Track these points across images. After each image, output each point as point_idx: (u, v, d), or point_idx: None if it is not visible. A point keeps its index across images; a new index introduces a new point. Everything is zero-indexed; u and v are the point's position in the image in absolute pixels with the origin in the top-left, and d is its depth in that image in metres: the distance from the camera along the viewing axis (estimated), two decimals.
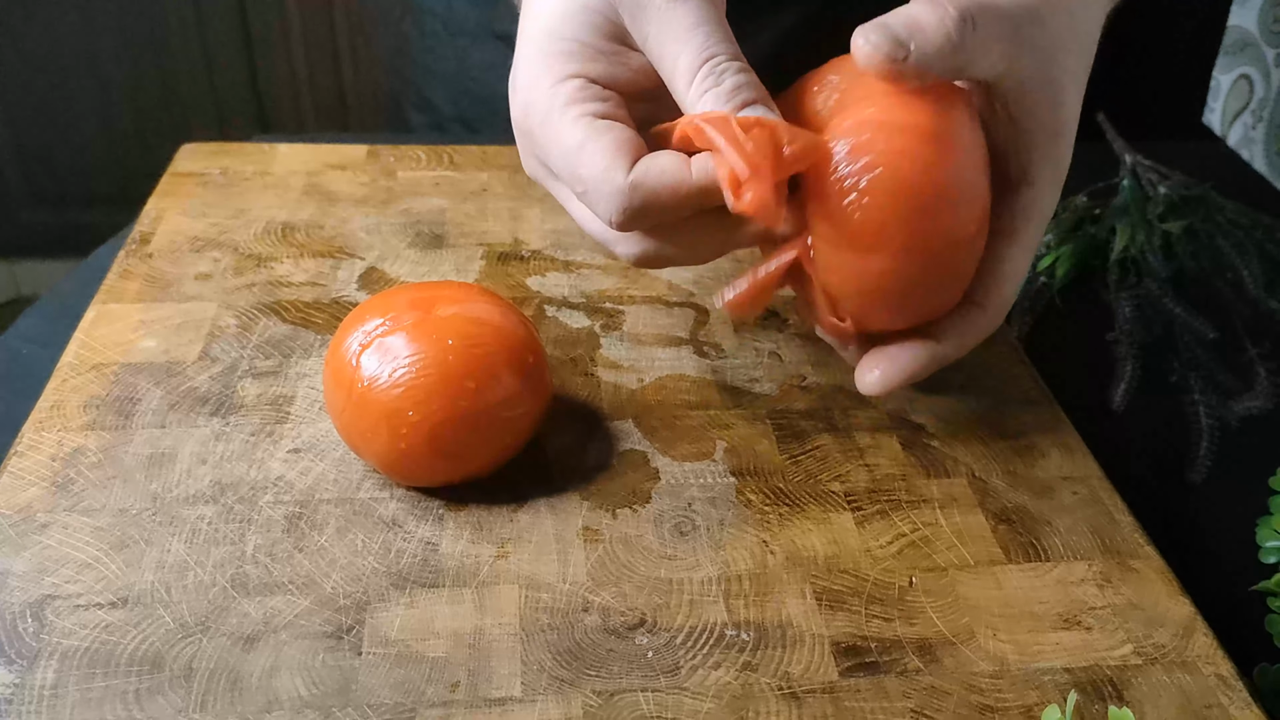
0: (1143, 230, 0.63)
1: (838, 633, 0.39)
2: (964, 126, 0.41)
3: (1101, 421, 0.54)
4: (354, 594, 0.40)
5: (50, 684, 0.36)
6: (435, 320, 0.42)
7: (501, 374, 0.42)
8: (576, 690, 0.37)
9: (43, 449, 0.45)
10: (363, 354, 0.42)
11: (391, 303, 0.43)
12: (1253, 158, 0.81)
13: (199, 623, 0.38)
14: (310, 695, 0.36)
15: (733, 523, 0.44)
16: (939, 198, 0.40)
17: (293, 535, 0.42)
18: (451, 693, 0.36)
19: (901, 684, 0.38)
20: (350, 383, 0.41)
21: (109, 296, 0.53)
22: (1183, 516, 0.50)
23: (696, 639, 0.39)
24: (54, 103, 1.73)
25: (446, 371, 0.41)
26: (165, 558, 0.40)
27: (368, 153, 0.67)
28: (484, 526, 0.43)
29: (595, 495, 0.44)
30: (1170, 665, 0.39)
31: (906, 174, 0.39)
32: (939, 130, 0.39)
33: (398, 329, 0.42)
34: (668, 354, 0.52)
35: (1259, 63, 0.80)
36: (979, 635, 0.40)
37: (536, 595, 0.40)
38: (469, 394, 0.41)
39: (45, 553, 0.40)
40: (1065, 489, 0.46)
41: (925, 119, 0.39)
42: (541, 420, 0.45)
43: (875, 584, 0.41)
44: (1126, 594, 0.42)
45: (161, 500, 0.43)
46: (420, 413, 0.41)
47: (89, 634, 0.37)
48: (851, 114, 0.40)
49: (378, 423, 0.41)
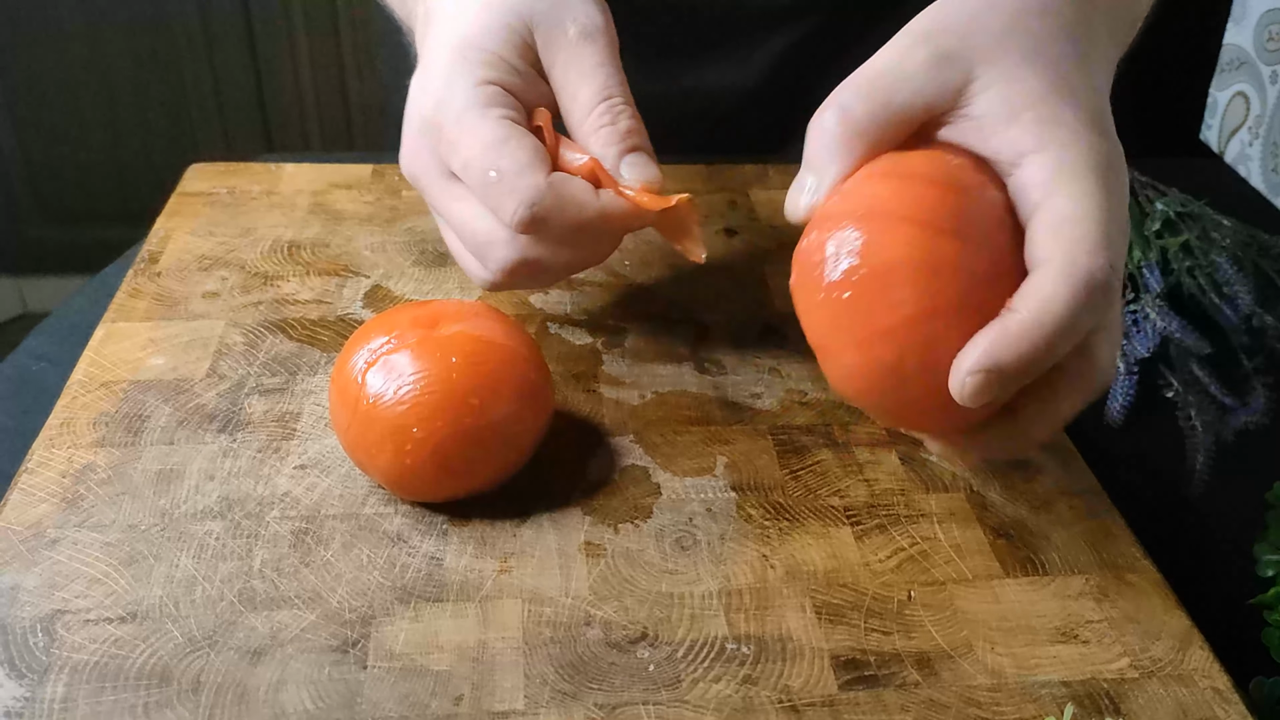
0: (1140, 246, 0.64)
1: (837, 646, 0.40)
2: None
3: (1099, 437, 0.54)
4: (359, 608, 0.40)
5: (60, 698, 0.36)
6: (439, 338, 0.43)
7: (505, 391, 0.43)
8: (579, 703, 0.37)
9: (53, 466, 0.45)
10: (368, 371, 0.42)
11: (396, 321, 0.44)
12: (1249, 174, 0.81)
13: (207, 637, 0.39)
14: (316, 708, 0.36)
15: (733, 537, 0.44)
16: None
17: (299, 550, 0.42)
18: (455, 706, 0.37)
19: (900, 697, 0.38)
20: (355, 400, 0.42)
21: (118, 315, 0.54)
22: (1180, 531, 0.50)
23: (697, 652, 0.39)
24: (62, 121, 1.75)
25: (451, 389, 0.42)
26: (174, 573, 0.41)
27: (373, 172, 0.67)
28: (487, 541, 0.43)
29: (597, 510, 0.45)
30: (1167, 678, 0.39)
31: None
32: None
33: (402, 347, 0.42)
34: (669, 370, 0.53)
35: (1255, 80, 0.81)
36: (977, 649, 0.40)
37: (539, 609, 0.40)
38: (473, 411, 0.42)
39: (55, 568, 0.41)
40: (1063, 503, 0.47)
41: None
42: (544, 436, 0.46)
43: (874, 598, 0.42)
44: (1123, 607, 0.42)
45: (170, 516, 0.43)
46: (425, 429, 0.41)
47: (98, 648, 0.38)
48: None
49: (383, 439, 0.42)
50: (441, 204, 0.47)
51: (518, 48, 0.46)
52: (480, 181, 0.44)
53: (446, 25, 0.47)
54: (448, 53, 0.46)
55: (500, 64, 0.46)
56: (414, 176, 0.48)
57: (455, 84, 0.45)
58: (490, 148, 0.44)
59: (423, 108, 0.46)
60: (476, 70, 0.45)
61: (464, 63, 0.46)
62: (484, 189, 0.44)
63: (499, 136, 0.44)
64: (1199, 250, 0.63)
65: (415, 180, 0.48)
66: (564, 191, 0.44)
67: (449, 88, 0.45)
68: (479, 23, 0.46)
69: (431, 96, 0.46)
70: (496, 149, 0.43)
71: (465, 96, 0.45)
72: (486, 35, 0.46)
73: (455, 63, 0.46)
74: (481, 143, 0.44)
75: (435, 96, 0.45)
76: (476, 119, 0.44)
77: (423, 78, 0.47)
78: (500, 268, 0.46)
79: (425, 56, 0.48)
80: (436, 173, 0.46)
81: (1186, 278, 0.62)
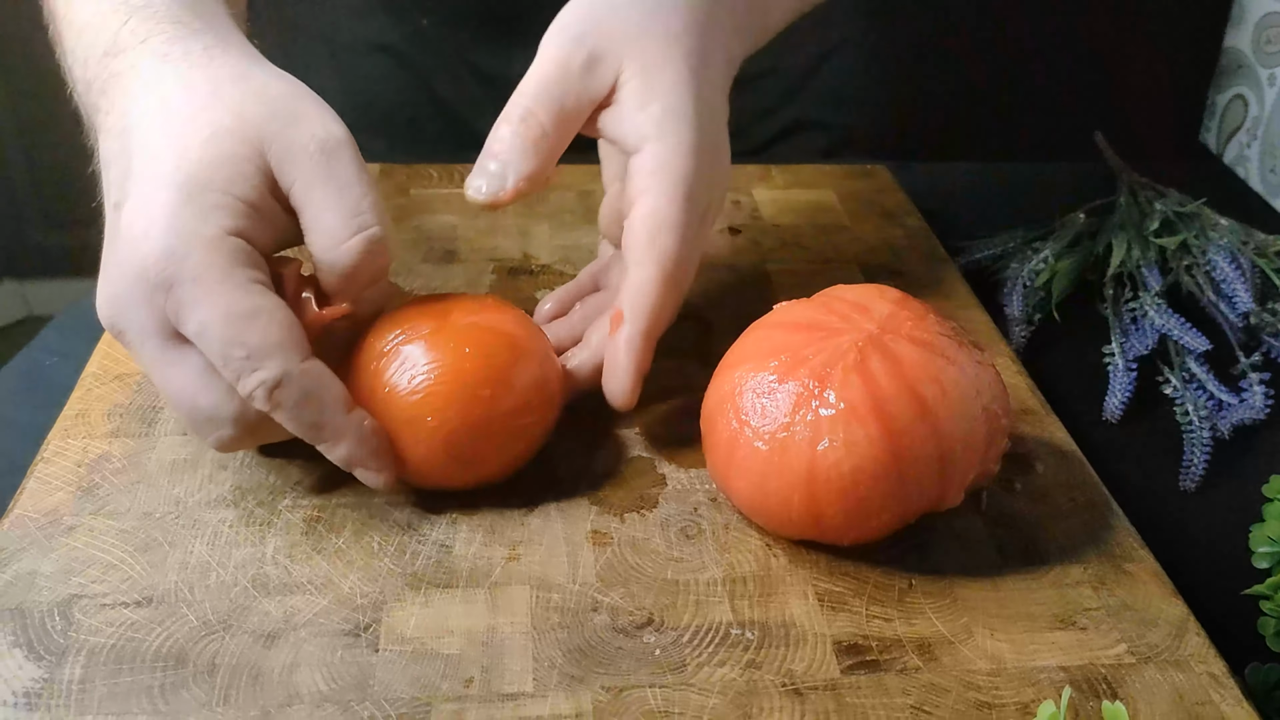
0: (1138, 246, 0.65)
1: (839, 632, 0.41)
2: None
3: (1097, 432, 0.55)
4: (371, 594, 0.41)
5: (78, 679, 0.37)
6: (453, 330, 0.44)
7: (515, 383, 0.44)
8: (586, 686, 0.38)
9: (68, 455, 0.46)
10: (382, 362, 0.43)
11: (410, 313, 0.45)
12: (1248, 175, 0.82)
13: (221, 621, 0.39)
14: (330, 690, 0.37)
15: (737, 526, 0.45)
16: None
17: (311, 538, 0.43)
18: (466, 688, 0.38)
19: (901, 681, 0.39)
20: (370, 390, 0.43)
21: None
22: (1176, 524, 0.51)
23: (702, 637, 0.40)
24: (66, 125, 1.76)
25: (464, 380, 0.43)
26: (188, 559, 0.42)
27: (381, 171, 0.68)
28: (496, 530, 0.44)
29: (603, 500, 0.46)
30: (1164, 664, 0.40)
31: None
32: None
33: (416, 338, 0.43)
34: (674, 365, 0.53)
35: (1253, 83, 0.82)
36: (977, 635, 0.41)
37: (547, 595, 0.41)
38: (484, 402, 0.43)
39: (72, 554, 0.42)
40: (1062, 495, 0.48)
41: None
42: (553, 428, 0.46)
43: (875, 585, 0.43)
44: (1121, 595, 0.43)
45: (184, 504, 0.44)
46: (438, 419, 0.42)
47: (115, 631, 0.39)
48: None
49: (397, 429, 0.42)
50: (155, 368, 0.41)
51: (252, 181, 0.41)
52: (221, 355, 0.39)
53: (161, 156, 0.41)
54: (172, 193, 0.40)
55: (238, 209, 0.40)
56: (119, 331, 0.41)
57: (188, 236, 0.39)
58: (237, 319, 0.39)
59: (143, 257, 0.39)
60: (212, 218, 0.40)
61: (195, 209, 0.40)
62: (225, 361, 0.39)
63: (248, 309, 0.39)
64: (1197, 249, 0.64)
65: (120, 335, 0.41)
66: (319, 377, 0.41)
67: (181, 239, 0.39)
68: (205, 158, 0.40)
69: (155, 246, 0.39)
70: (245, 323, 0.39)
71: (204, 254, 0.39)
72: (214, 172, 0.40)
73: (182, 207, 0.39)
74: (226, 312, 0.39)
75: (161, 247, 0.39)
76: (218, 282, 0.39)
77: (139, 219, 0.40)
78: (220, 442, 0.42)
79: (137, 190, 0.41)
80: (153, 331, 0.40)
81: (1185, 276, 0.63)
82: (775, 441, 0.41)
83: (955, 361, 0.42)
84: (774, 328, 0.44)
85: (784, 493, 0.41)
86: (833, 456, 0.40)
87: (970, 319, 0.59)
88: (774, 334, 0.44)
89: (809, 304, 0.45)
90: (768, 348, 0.43)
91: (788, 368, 0.41)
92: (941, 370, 0.41)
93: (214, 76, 0.43)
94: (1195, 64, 0.87)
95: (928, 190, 0.72)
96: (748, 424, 0.41)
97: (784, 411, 0.41)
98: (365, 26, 0.78)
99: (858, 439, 0.40)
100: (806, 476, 0.40)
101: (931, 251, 0.65)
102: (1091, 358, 0.59)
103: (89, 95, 0.45)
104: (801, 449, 0.40)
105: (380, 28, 0.77)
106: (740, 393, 0.42)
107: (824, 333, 0.42)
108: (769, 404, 0.41)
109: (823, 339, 0.42)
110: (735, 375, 0.43)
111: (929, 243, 0.66)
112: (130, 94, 0.43)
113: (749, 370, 0.42)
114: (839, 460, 0.40)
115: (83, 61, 0.45)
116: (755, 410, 0.41)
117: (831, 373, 0.41)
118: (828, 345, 0.42)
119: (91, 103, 0.45)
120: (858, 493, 0.40)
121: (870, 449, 0.40)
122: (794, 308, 0.45)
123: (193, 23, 0.44)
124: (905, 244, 0.65)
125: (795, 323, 0.44)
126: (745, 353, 0.44)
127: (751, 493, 0.42)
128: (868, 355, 0.41)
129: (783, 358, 0.42)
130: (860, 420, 0.40)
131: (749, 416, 0.41)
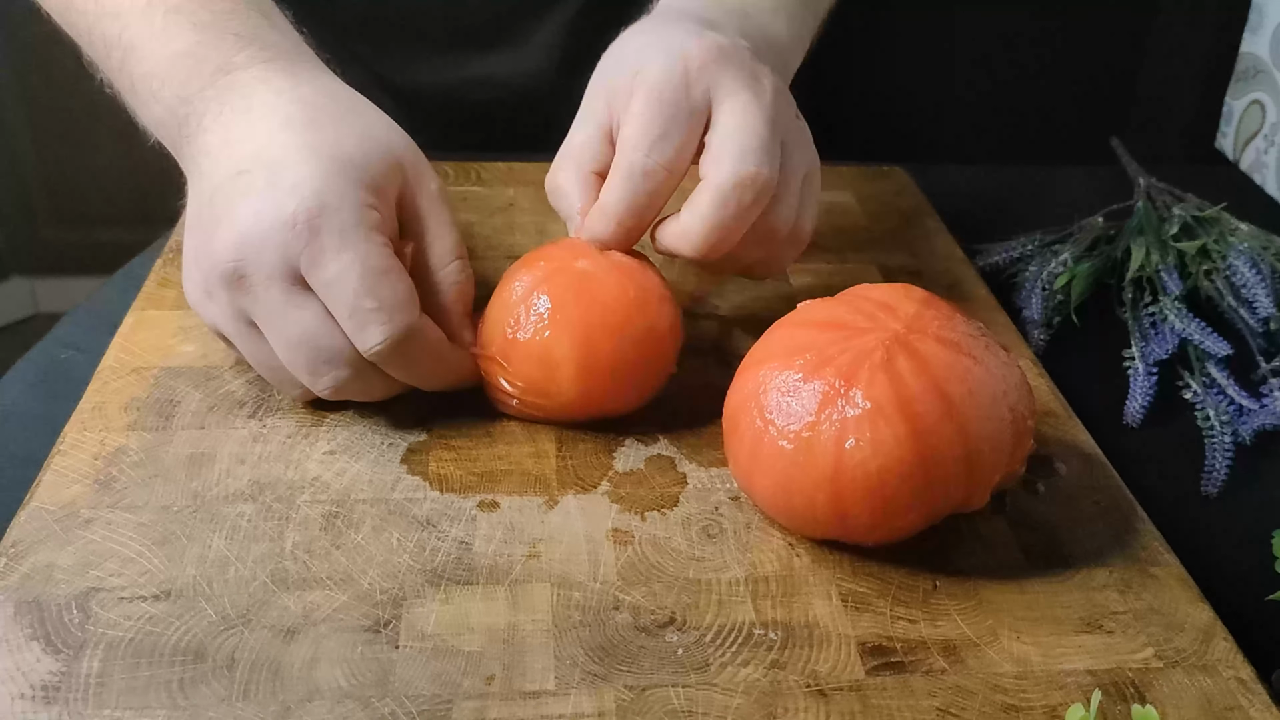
0: (1157, 250, 0.64)
1: (864, 633, 0.40)
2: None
3: (1118, 436, 0.55)
4: (390, 590, 0.40)
5: (96, 673, 0.37)
6: (579, 271, 0.47)
7: (639, 319, 0.47)
8: (609, 685, 0.38)
9: (85, 448, 0.46)
10: (516, 303, 0.47)
11: (539, 257, 0.49)
12: (1264, 181, 0.82)
13: (240, 615, 0.39)
14: (350, 686, 0.37)
15: (759, 526, 0.44)
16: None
17: (330, 533, 0.43)
18: (487, 685, 0.37)
19: (927, 683, 0.38)
20: (503, 328, 0.47)
21: (148, 303, 0.55)
22: (1198, 530, 0.50)
23: (725, 637, 0.40)
24: (77, 123, 1.76)
25: (590, 320, 0.46)
26: (206, 553, 0.41)
27: None
28: (515, 527, 0.44)
29: (624, 499, 0.45)
30: (1191, 668, 0.40)
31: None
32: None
33: (548, 278, 0.47)
34: (693, 364, 0.53)
35: (1271, 89, 0.81)
36: (1002, 637, 0.40)
37: (568, 593, 0.41)
38: (613, 334, 0.46)
39: (89, 547, 0.41)
40: (1086, 498, 0.47)
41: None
42: (677, 357, 0.50)
43: (900, 586, 0.42)
44: (1147, 599, 0.42)
45: (202, 498, 0.44)
46: (571, 357, 0.46)
47: (133, 625, 0.38)
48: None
49: (527, 363, 0.47)
50: (276, 310, 0.44)
51: (394, 181, 0.46)
52: (350, 303, 0.43)
53: (311, 139, 0.45)
54: (327, 164, 0.44)
55: (379, 194, 0.45)
56: (241, 275, 0.43)
57: (343, 197, 0.43)
58: (372, 274, 0.43)
59: (294, 204, 0.43)
60: (359, 190, 0.44)
61: (349, 179, 0.44)
62: (353, 311, 0.43)
63: (383, 266, 0.43)
64: (1216, 254, 0.63)
65: (244, 275, 0.43)
66: (428, 338, 0.46)
67: (334, 196, 0.43)
68: (360, 146, 0.45)
69: (308, 196, 0.43)
70: (378, 277, 0.43)
71: (353, 213, 0.43)
72: (369, 160, 0.45)
73: (337, 175, 0.44)
74: (364, 266, 0.43)
75: (315, 199, 0.43)
76: (362, 239, 0.43)
77: (287, 175, 0.43)
78: (332, 384, 0.45)
79: (283, 156, 0.44)
80: (281, 274, 0.43)
81: (1204, 281, 0.63)
82: (800, 440, 0.40)
83: (982, 362, 0.41)
84: (799, 326, 0.44)
85: (809, 491, 0.41)
86: (859, 456, 0.39)
87: (991, 321, 0.58)
88: (799, 332, 0.43)
89: (834, 303, 0.45)
90: (793, 346, 0.42)
91: (813, 366, 0.41)
92: (968, 370, 0.41)
93: (349, 91, 0.49)
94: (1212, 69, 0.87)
95: (946, 192, 0.72)
96: (772, 422, 0.41)
97: (810, 410, 0.40)
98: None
99: (885, 438, 0.39)
100: (832, 475, 0.40)
101: (950, 253, 0.65)
102: (1111, 362, 0.59)
103: (184, 106, 0.48)
104: (827, 448, 0.40)
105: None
106: (765, 391, 0.42)
107: (850, 332, 0.42)
108: (794, 402, 0.41)
109: (849, 338, 0.42)
110: (760, 373, 0.42)
111: (948, 244, 0.66)
112: (256, 93, 0.46)
113: (774, 368, 0.42)
114: (865, 460, 0.39)
115: (181, 81, 0.48)
116: (780, 408, 0.41)
117: (858, 371, 0.40)
118: (854, 344, 0.41)
119: (191, 111, 0.48)
120: (884, 492, 0.40)
121: (897, 449, 0.39)
122: (819, 306, 0.45)
123: (305, 54, 0.50)
124: (924, 245, 0.65)
125: (821, 321, 0.43)
126: (770, 350, 0.43)
127: (775, 491, 0.42)
128: (894, 354, 0.41)
129: (808, 356, 0.41)
130: (887, 420, 0.39)
131: (774, 415, 0.41)
